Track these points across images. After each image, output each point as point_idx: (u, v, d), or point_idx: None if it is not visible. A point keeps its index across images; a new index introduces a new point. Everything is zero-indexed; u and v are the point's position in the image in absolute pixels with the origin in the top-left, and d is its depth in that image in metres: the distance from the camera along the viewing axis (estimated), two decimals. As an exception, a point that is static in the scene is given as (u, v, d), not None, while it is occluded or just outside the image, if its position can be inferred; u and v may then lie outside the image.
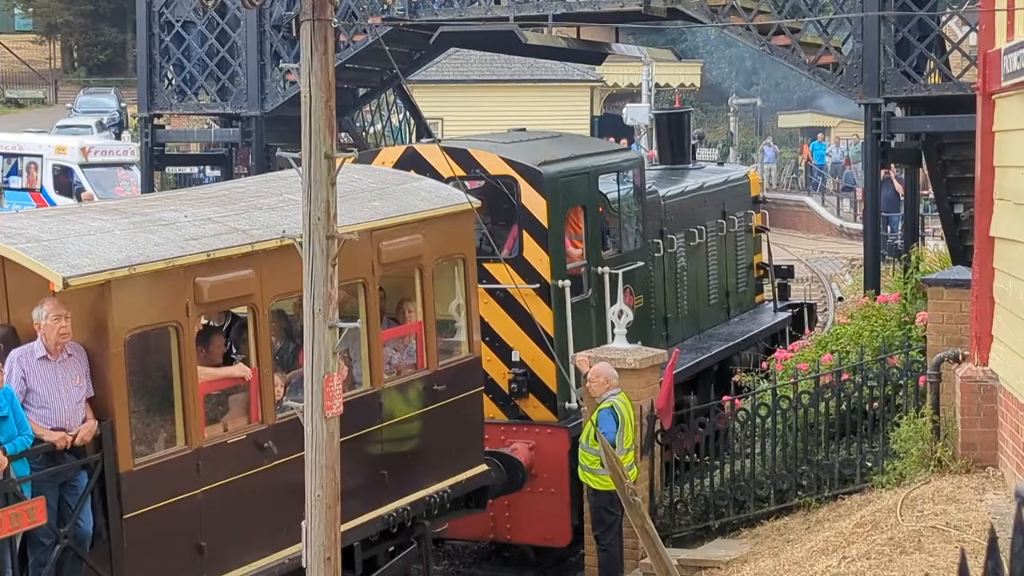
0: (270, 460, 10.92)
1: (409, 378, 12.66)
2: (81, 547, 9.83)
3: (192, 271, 10.42)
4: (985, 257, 11.98)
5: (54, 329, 9.74)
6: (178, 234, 10.66)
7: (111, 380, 9.91)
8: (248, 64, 20.09)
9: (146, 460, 10.10)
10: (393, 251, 12.41)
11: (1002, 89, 11.46)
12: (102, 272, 9.78)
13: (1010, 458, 11.12)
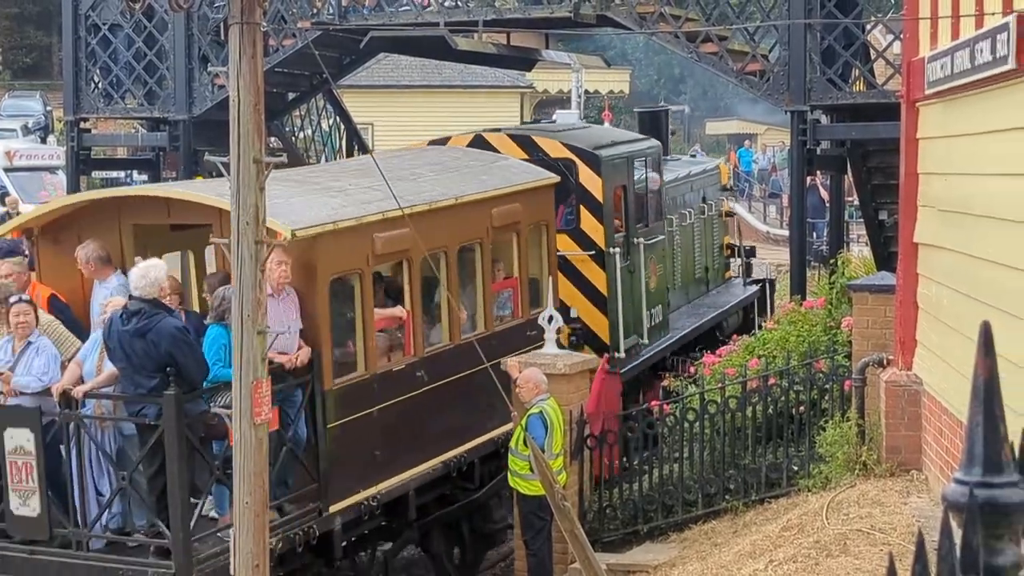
0: (422, 385, 13.44)
1: (510, 324, 15.48)
2: (298, 449, 11.82)
3: (371, 228, 12.87)
4: (909, 263, 12.13)
5: (276, 272, 11.52)
6: (353, 199, 13.12)
7: (318, 316, 12.12)
8: (176, 68, 19.96)
9: (341, 382, 12.31)
10: (501, 216, 15.13)
11: (925, 97, 11.62)
12: (314, 227, 12.11)
13: (933, 461, 11.26)
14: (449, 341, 14.23)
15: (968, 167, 10.41)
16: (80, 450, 11.01)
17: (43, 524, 10.93)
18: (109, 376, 11.16)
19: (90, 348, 11.45)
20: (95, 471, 11.13)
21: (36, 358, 11.34)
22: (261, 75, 9.13)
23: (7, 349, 11.45)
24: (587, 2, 17.69)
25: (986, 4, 9.63)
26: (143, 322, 10.90)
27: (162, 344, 10.83)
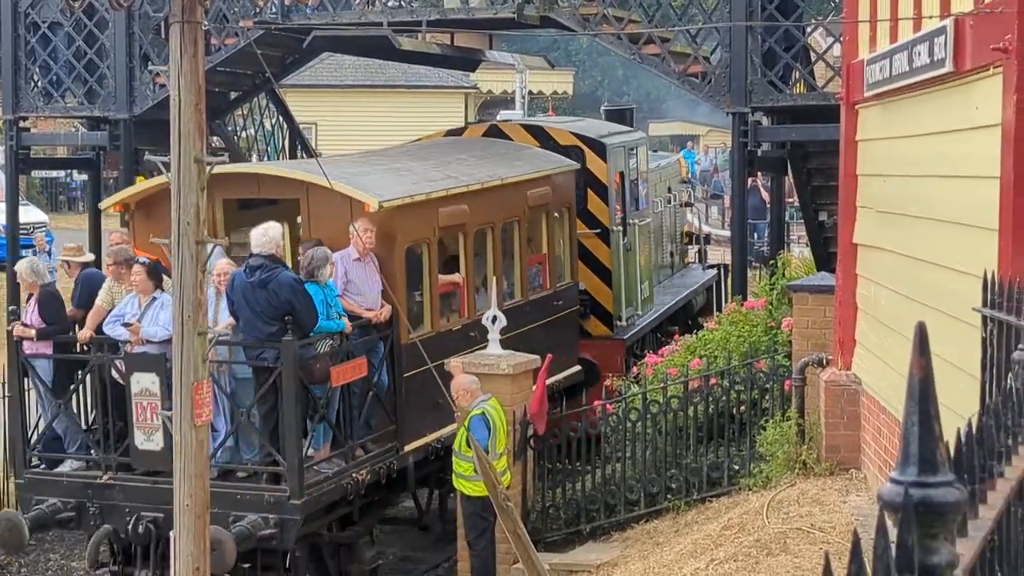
0: (474, 344, 15.03)
1: (541, 295, 17.40)
2: (381, 395, 13.76)
3: (436, 203, 14.87)
4: (848, 263, 12.24)
5: (364, 238, 13.46)
6: (419, 177, 15.25)
7: (396, 279, 13.98)
8: (116, 66, 19.79)
9: (413, 337, 13.71)
10: (534, 197, 17.17)
11: (865, 99, 11.73)
12: (396, 199, 14.04)
13: (872, 460, 11.37)
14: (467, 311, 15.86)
15: (906, 169, 10.51)
16: None
17: (165, 457, 11.80)
18: (224, 326, 12.81)
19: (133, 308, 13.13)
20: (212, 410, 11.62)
21: (161, 311, 12.71)
22: (202, 74, 9.09)
23: (134, 304, 13.10)
24: (531, 3, 17.71)
25: (924, 8, 9.74)
26: (265, 275, 12.52)
27: (282, 293, 12.49)
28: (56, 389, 13.52)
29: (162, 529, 12.26)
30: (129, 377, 12.81)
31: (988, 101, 8.12)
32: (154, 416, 12.60)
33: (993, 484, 3.05)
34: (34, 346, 13.59)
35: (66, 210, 47.95)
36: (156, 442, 12.68)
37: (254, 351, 12.71)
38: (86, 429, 13.70)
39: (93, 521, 13.02)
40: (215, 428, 12.22)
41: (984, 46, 8.00)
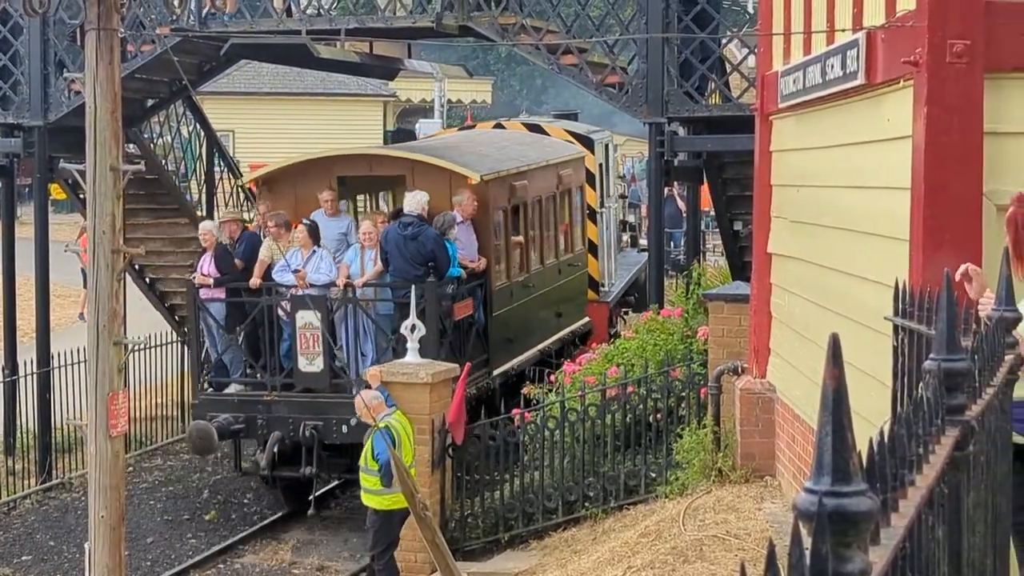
0: (531, 294, 19.20)
1: (567, 256, 21.21)
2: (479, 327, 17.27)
3: (511, 178, 18.65)
4: (763, 272, 12.37)
5: (471, 205, 17.02)
6: (492, 158, 19.01)
7: (488, 238, 17.63)
8: (31, 73, 19.55)
9: (498, 285, 17.90)
10: (563, 177, 20.91)
11: (779, 110, 11.87)
12: (488, 174, 17.71)
13: (787, 467, 11.49)
14: (540, 264, 19.93)
15: (820, 179, 10.65)
16: (357, 324, 16.24)
17: (325, 376, 15.99)
18: (374, 272, 16.33)
19: (352, 256, 16.60)
20: (361, 338, 16.26)
21: (321, 262, 16.33)
22: (118, 82, 9.03)
23: (298, 256, 16.38)
24: (449, 12, 17.74)
25: (837, 21, 9.88)
26: (415, 230, 16.01)
27: (428, 244, 15.94)
28: (227, 327, 16.62)
29: (321, 434, 15.75)
30: (294, 314, 16.03)
31: (899, 113, 8.25)
32: (316, 344, 15.95)
33: (905, 493, 3.11)
34: (210, 292, 16.71)
35: (-23, 217, 47.23)
36: (317, 365, 15.99)
37: (399, 291, 15.86)
38: (252, 360, 16.61)
39: (260, 431, 16.06)
40: (363, 352, 16.19)
41: (895, 59, 8.14)
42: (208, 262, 16.85)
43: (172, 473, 19.41)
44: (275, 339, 16.31)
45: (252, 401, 16.21)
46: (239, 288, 16.64)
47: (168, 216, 22.46)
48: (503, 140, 21.52)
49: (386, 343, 15.94)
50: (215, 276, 16.69)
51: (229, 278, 16.68)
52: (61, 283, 27.33)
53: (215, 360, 16.79)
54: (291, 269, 16.14)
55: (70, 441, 19.36)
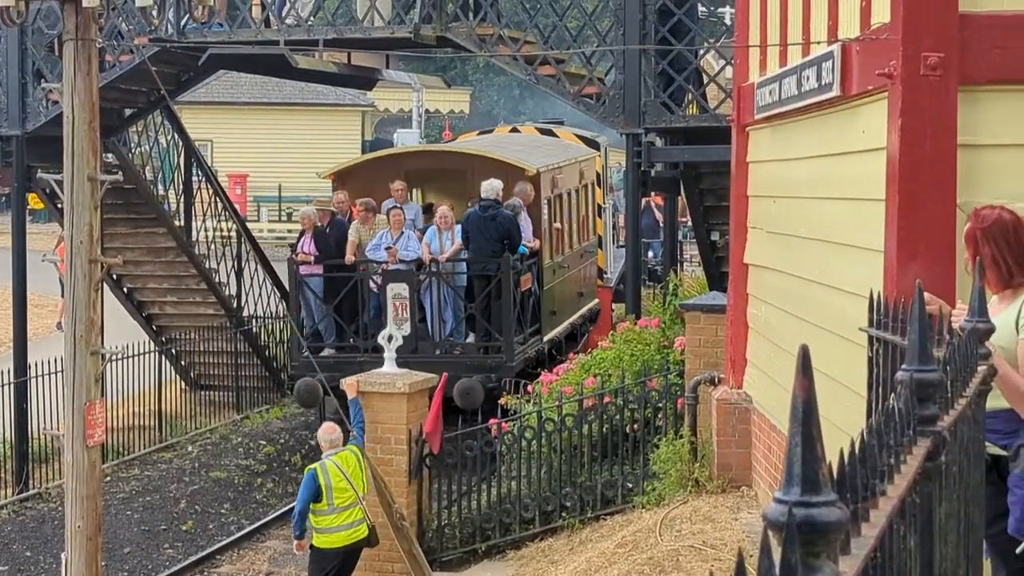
0: (565, 273, 22.13)
1: (586, 244, 24.25)
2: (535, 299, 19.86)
3: (553, 171, 21.70)
4: (739, 283, 12.42)
5: (529, 193, 19.72)
6: (535, 154, 22.09)
7: (540, 222, 20.39)
8: (9, 82, 19.52)
9: (546, 263, 20.54)
10: (584, 174, 24.09)
11: (755, 121, 11.92)
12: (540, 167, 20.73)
13: (763, 477, 11.53)
14: (571, 248, 22.76)
15: (795, 190, 10.71)
16: (438, 294, 18.65)
17: (412, 339, 17.83)
18: (455, 249, 18.75)
19: (431, 236, 19.01)
20: (442, 306, 18.74)
21: (409, 241, 18.77)
22: (96, 93, 9.03)
23: (387, 236, 18.75)
24: (427, 23, 17.77)
25: (813, 33, 9.93)
26: (493, 211, 18.48)
27: (504, 224, 18.50)
28: (325, 299, 18.93)
29: None
30: (385, 286, 18.55)
31: (874, 125, 8.31)
32: (404, 312, 18.41)
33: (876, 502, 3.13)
34: (309, 268, 19.09)
35: (-45, 226, 47.09)
36: (405, 330, 17.59)
37: (478, 265, 18.65)
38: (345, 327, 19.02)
39: None
40: (444, 319, 18.73)
41: (870, 71, 8.19)
42: (308, 242, 19.38)
43: (149, 483, 19.37)
44: (369, 307, 18.85)
45: (346, 362, 18.10)
46: (335, 264, 19.01)
47: (146, 226, 22.43)
48: (532, 141, 24.98)
49: (463, 311, 18.80)
50: (314, 254, 19.14)
51: (326, 256, 19.07)
52: (38, 293, 27.24)
53: (311, 327, 19.10)
54: (384, 247, 18.69)
55: (47, 451, 19.31)
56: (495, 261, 18.36)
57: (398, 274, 18.53)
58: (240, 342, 23.70)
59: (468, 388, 17.57)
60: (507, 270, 18.33)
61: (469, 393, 17.50)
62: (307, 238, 19.46)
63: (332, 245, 19.15)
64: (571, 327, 22.48)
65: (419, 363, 16.89)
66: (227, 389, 23.77)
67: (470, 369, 18.07)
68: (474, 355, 18.64)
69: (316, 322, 19.14)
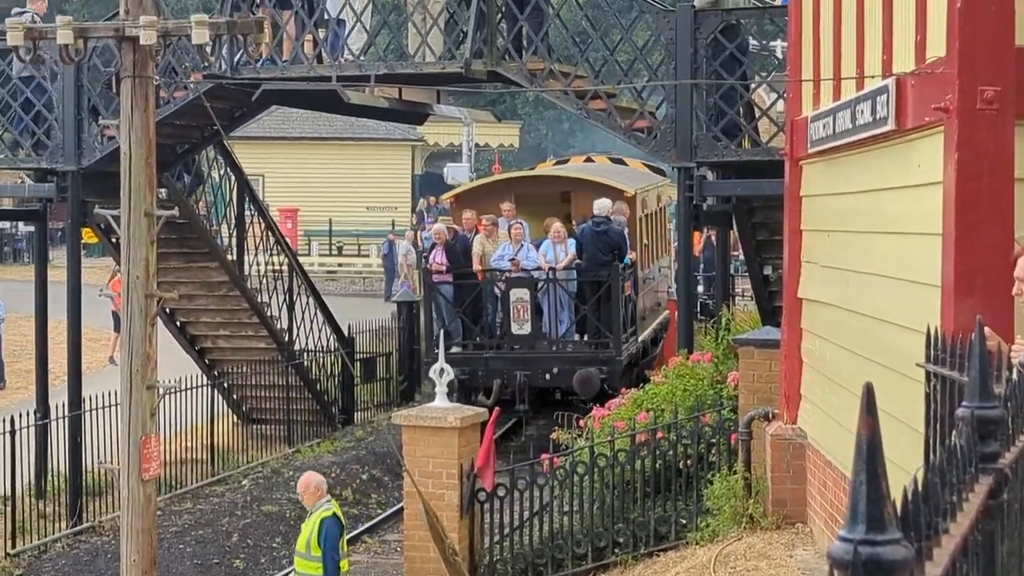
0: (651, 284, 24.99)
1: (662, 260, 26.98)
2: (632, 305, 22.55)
3: (643, 193, 24.67)
4: (793, 318, 12.36)
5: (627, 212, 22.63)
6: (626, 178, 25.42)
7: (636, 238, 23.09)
8: (65, 118, 19.73)
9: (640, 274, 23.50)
10: (660, 198, 26.90)
11: (808, 155, 11.88)
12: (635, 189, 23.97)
13: (818, 514, 11.44)
14: (654, 262, 25.54)
15: (850, 224, 10.65)
16: (554, 298, 21.19)
17: (531, 337, 21.30)
18: (570, 259, 21.35)
19: (546, 248, 21.61)
20: (558, 310, 21.22)
21: (528, 252, 21.60)
22: (153, 129, 9.12)
23: (509, 247, 21.62)
24: (478, 59, 17.84)
25: (867, 67, 9.91)
26: (605, 226, 21.35)
27: (614, 237, 21.37)
28: (455, 303, 21.62)
29: (530, 380, 21.02)
30: (508, 291, 21.25)
31: (930, 159, 8.26)
32: (525, 313, 21.13)
33: (939, 541, 3.11)
34: (441, 277, 21.82)
35: (11, 261, 47.57)
36: (525, 329, 21.11)
37: (590, 273, 21.23)
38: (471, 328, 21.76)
39: (480, 381, 21.15)
40: (560, 319, 21.30)
41: (925, 105, 8.16)
42: (440, 254, 22.05)
43: (202, 517, 19.44)
44: (497, 309, 21.51)
45: (474, 358, 21.24)
46: (462, 273, 21.81)
47: (199, 260, 22.58)
48: (613, 168, 27.95)
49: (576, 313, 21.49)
50: (445, 264, 21.81)
51: (455, 266, 21.82)
52: (92, 326, 27.46)
53: (441, 329, 20.66)
54: (507, 258, 21.58)
55: (101, 485, 19.42)
56: (606, 269, 21.13)
57: (519, 281, 21.35)
58: (291, 376, 23.78)
59: (586, 378, 20.54)
60: (616, 277, 21.08)
61: (587, 382, 20.52)
62: (438, 250, 22.20)
63: (460, 256, 21.87)
64: (653, 332, 25.09)
65: (537, 358, 21.10)
66: (279, 423, 23.84)
67: (584, 363, 20.90)
68: (586, 351, 21.29)
69: (446, 323, 21.40)
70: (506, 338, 21.48)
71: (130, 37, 9.29)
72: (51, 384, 20.84)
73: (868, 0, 9.90)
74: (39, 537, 18.33)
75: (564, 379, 20.84)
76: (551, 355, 21.19)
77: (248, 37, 10.53)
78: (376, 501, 20.95)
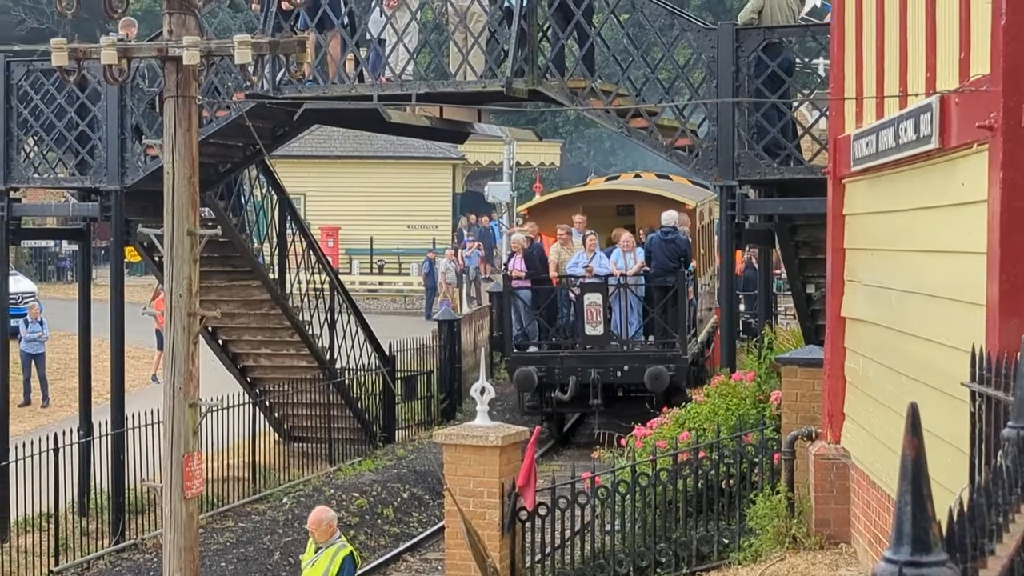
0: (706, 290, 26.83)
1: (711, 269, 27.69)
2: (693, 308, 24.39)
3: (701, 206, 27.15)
4: (837, 337, 12.29)
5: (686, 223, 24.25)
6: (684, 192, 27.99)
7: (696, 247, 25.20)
8: (108, 138, 19.87)
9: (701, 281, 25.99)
10: (712, 211, 27.35)
11: (852, 174, 11.83)
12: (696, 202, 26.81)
13: (862, 534, 11.36)
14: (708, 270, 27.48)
15: (893, 243, 10.59)
16: (625, 302, 23.25)
17: (604, 337, 23.30)
18: (639, 266, 23.43)
19: (617, 256, 23.67)
20: (628, 312, 23.26)
21: (601, 259, 23.64)
22: (196, 148, 9.17)
23: (583, 255, 23.73)
24: (519, 77, 17.86)
25: (910, 85, 9.86)
26: (672, 235, 23.28)
27: (681, 245, 23.33)
28: (533, 306, 23.72)
29: (601, 377, 22.93)
30: (582, 296, 23.28)
31: (974, 177, 8.21)
32: (598, 315, 23.15)
33: (984, 562, 3.08)
34: (520, 282, 23.84)
35: (55, 280, 47.93)
36: (598, 330, 23.15)
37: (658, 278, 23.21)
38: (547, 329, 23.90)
39: (556, 377, 23.10)
40: (630, 321, 23.30)
41: (970, 123, 8.11)
42: (519, 261, 24.24)
43: (244, 535, 19.50)
44: (572, 312, 23.41)
45: (551, 356, 23.32)
46: (538, 279, 23.88)
47: (241, 279, 22.68)
48: (664, 183, 29.68)
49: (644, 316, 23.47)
50: (524, 271, 23.93)
51: (534, 272, 23.93)
52: (134, 344, 27.61)
53: (519, 330, 23.70)
54: (582, 265, 23.67)
55: (143, 502, 19.51)
56: (673, 275, 23.01)
57: (592, 286, 23.38)
58: (333, 394, 23.83)
59: (657, 374, 22.46)
60: (682, 283, 23.04)
61: (658, 378, 22.43)
62: (518, 258, 24.40)
63: (537, 263, 23.98)
64: (707, 334, 26.76)
65: (609, 356, 23.09)
66: (320, 441, 23.89)
67: (652, 361, 22.79)
68: (654, 350, 23.16)
69: (524, 325, 23.75)
70: (580, 338, 23.35)
71: (173, 57, 9.35)
72: (94, 402, 20.96)
73: (911, 18, 9.85)
74: (82, 555, 18.42)
75: (634, 376, 22.83)
76: (622, 354, 23.14)
77: (290, 56, 10.58)
78: (417, 519, 20.95)
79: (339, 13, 18.83)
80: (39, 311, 29.20)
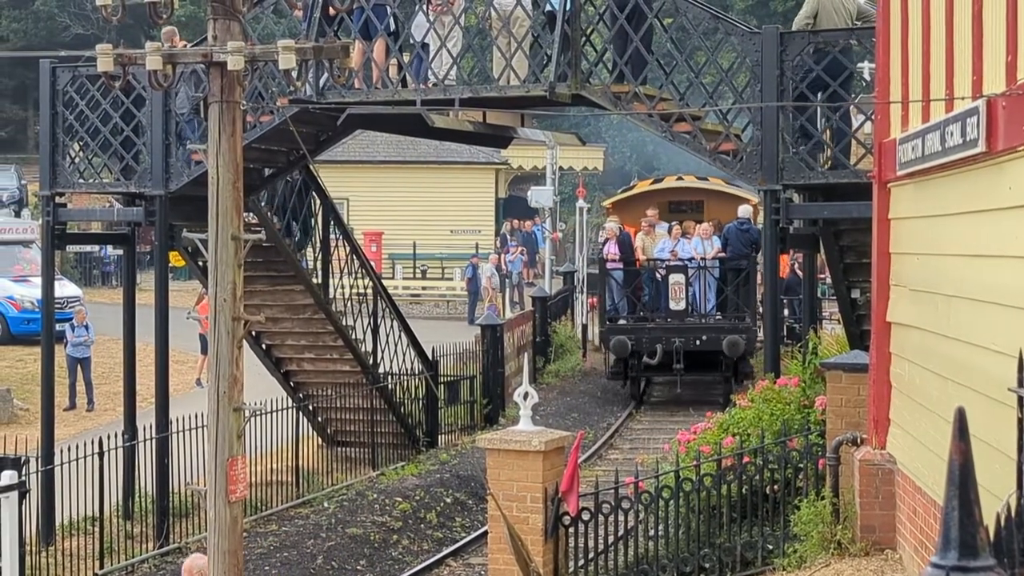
0: None
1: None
2: None
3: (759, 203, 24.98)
4: (882, 341, 12.21)
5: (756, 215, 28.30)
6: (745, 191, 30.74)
7: None
8: (153, 143, 19.99)
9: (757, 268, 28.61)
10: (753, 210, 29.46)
11: (897, 178, 11.75)
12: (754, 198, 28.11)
13: (908, 540, 11.28)
14: None
15: (940, 247, 10.51)
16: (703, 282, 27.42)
17: (684, 312, 27.62)
18: (716, 251, 27.22)
19: (697, 243, 27.89)
20: (707, 291, 27.31)
21: (684, 245, 27.93)
22: (240, 153, 9.20)
23: (668, 242, 28.72)
24: (562, 82, 17.84)
25: (956, 88, 9.78)
26: (747, 226, 27.33)
27: (754, 235, 26.36)
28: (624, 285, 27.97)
29: (683, 345, 26.92)
30: (667, 276, 27.51)
31: (1021, 181, 8.13)
32: (680, 293, 27.31)
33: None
34: (613, 264, 28.03)
35: (99, 284, 48.28)
36: (681, 305, 27.42)
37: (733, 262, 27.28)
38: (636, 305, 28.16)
39: (643, 345, 27.18)
40: (708, 298, 27.51)
41: (1017, 126, 8.04)
42: (613, 246, 28.32)
43: (287, 539, 19.56)
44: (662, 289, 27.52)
45: (640, 328, 27.59)
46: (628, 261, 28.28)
47: (284, 283, 22.75)
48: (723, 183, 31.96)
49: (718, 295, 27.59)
50: (617, 255, 28.03)
51: (626, 256, 28.24)
52: (179, 349, 27.77)
53: (611, 305, 28.11)
54: (668, 250, 28.13)
55: (187, 506, 19.60)
56: (745, 260, 27.14)
57: (677, 268, 27.61)
58: (376, 398, 23.87)
59: (734, 342, 26.56)
60: (754, 267, 26.87)
61: (734, 345, 26.50)
62: (612, 243, 28.50)
63: (629, 248, 28.26)
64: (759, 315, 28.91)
65: (690, 327, 27.26)
66: (363, 445, 23.94)
67: (727, 331, 26.77)
68: (729, 323, 27.21)
69: (616, 301, 28.12)
70: (664, 312, 27.68)
71: (218, 63, 9.39)
72: (139, 406, 21.08)
73: (957, 21, 9.78)
74: (126, 558, 18.52)
75: (711, 344, 26.87)
76: (701, 326, 27.37)
77: (334, 62, 10.61)
78: (460, 524, 20.95)
79: (383, 18, 18.87)
80: (85, 315, 29.41)
